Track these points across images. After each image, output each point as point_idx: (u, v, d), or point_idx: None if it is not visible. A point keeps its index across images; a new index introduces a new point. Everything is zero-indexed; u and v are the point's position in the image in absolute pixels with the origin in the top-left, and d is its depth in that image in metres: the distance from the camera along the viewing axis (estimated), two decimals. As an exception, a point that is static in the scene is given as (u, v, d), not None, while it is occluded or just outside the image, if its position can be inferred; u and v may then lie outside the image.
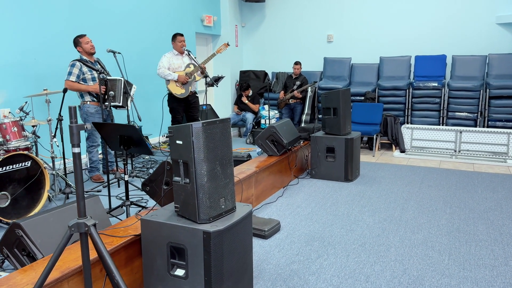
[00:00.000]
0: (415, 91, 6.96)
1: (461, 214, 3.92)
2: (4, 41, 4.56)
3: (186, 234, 2.29)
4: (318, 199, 4.42)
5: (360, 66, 7.68)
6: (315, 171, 5.24)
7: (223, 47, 5.54)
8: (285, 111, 7.50)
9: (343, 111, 5.07)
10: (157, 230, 2.38)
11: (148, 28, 6.54)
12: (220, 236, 2.25)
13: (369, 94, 7.16)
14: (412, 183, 4.99)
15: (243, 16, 8.78)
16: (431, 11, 7.22)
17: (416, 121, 7.01)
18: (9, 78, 4.62)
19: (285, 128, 4.81)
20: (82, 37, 4.40)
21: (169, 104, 5.56)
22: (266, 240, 3.42)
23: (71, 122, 1.78)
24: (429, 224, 3.69)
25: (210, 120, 2.29)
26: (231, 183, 2.46)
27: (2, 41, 4.55)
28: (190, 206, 2.32)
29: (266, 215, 3.99)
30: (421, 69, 7.18)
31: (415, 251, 3.17)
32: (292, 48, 8.41)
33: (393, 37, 7.55)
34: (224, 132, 2.39)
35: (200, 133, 2.24)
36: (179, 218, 2.40)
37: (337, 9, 7.92)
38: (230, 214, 2.45)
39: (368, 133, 6.63)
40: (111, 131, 3.13)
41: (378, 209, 4.10)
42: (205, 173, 2.27)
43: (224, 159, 2.40)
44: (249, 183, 4.07)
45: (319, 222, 3.77)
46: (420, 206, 4.16)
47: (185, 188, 2.33)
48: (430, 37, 7.29)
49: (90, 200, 2.77)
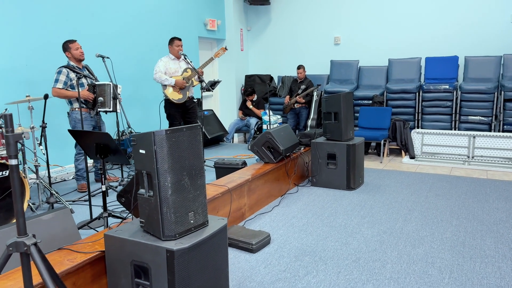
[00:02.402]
0: (425, 94, 6.65)
1: (468, 227, 3.63)
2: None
3: (149, 252, 2.10)
4: (316, 209, 4.19)
5: (368, 69, 7.41)
6: (316, 179, 5.00)
7: (221, 51, 5.37)
8: (290, 116, 7.28)
9: (344, 115, 4.83)
10: (120, 247, 2.20)
11: (149, 33, 6.43)
12: (186, 255, 2.06)
13: (377, 98, 6.88)
14: (418, 191, 4.70)
15: (249, 19, 8.62)
16: (442, 10, 6.90)
17: (427, 126, 6.69)
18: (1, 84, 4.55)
19: (282, 134, 4.59)
20: (72, 43, 4.28)
21: (166, 110, 5.41)
22: (254, 254, 3.20)
23: (7, 131, 1.62)
24: (431, 237, 3.42)
25: (175, 127, 2.11)
26: (202, 195, 2.26)
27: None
28: (154, 221, 2.13)
29: (258, 226, 3.78)
30: (432, 71, 6.86)
31: (413, 268, 2.90)
32: (298, 51, 8.20)
33: (403, 38, 7.26)
34: (193, 140, 2.20)
35: (164, 141, 2.05)
36: (144, 234, 2.21)
37: (345, 10, 7.67)
38: (201, 229, 2.25)
39: (375, 139, 6.35)
40: (87, 139, 2.97)
41: (378, 220, 3.84)
42: (170, 185, 2.08)
43: (194, 169, 2.21)
44: (240, 192, 3.86)
45: (313, 235, 3.54)
46: (424, 217, 3.88)
47: (149, 202, 2.14)
48: (442, 38, 6.97)
49: (60, 213, 2.61)
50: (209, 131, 6.52)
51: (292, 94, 7.19)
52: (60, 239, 2.56)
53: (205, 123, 6.55)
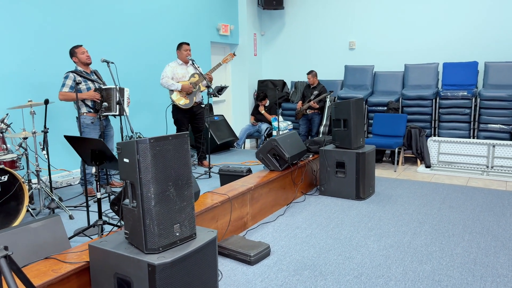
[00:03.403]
0: (443, 101, 6.41)
1: (481, 242, 3.42)
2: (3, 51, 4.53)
3: (131, 266, 2.02)
4: (321, 219, 4.04)
5: (384, 74, 7.21)
6: (324, 188, 4.86)
7: (229, 57, 5.29)
8: (302, 122, 7.14)
9: (354, 123, 4.68)
10: (104, 258, 2.13)
11: (160, 37, 6.41)
12: (169, 269, 1.97)
13: (392, 104, 6.68)
14: (431, 203, 4.50)
15: (263, 24, 8.54)
16: (461, 13, 6.66)
17: (444, 134, 6.45)
18: (8, 89, 4.58)
19: (288, 141, 4.47)
20: (78, 48, 4.28)
21: (173, 116, 5.36)
22: (252, 266, 3.09)
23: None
24: (441, 253, 3.23)
25: (160, 136, 2.02)
26: (189, 206, 2.17)
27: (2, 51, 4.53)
28: (138, 233, 2.05)
29: (260, 236, 3.66)
30: (450, 77, 6.62)
31: (418, 286, 2.74)
32: (312, 56, 8.06)
33: (419, 42, 7.04)
34: (180, 149, 2.11)
35: (147, 150, 1.97)
36: (129, 246, 2.13)
37: (360, 14, 7.51)
38: (188, 242, 2.16)
39: (389, 146, 6.15)
40: (82, 145, 2.93)
41: (386, 233, 3.67)
42: (153, 196, 1.99)
43: (180, 179, 2.12)
44: (243, 201, 3.76)
45: (315, 247, 3.40)
46: (435, 231, 3.69)
47: (133, 213, 2.06)
48: (460, 42, 6.72)
49: (49, 221, 2.56)
50: (218, 136, 6.44)
51: (304, 99, 7.05)
52: (49, 247, 2.50)
53: (214, 129, 6.47)
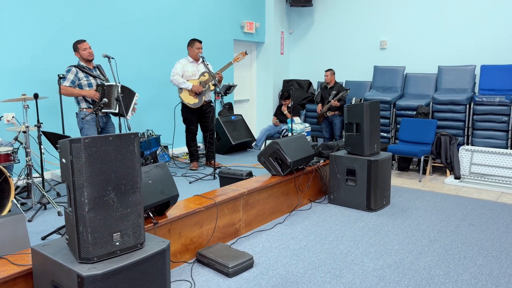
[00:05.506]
0: (477, 107, 5.86)
1: (495, 269, 3.00)
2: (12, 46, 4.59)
3: (64, 275, 1.87)
4: (321, 231, 3.75)
5: (415, 76, 6.72)
6: (333, 196, 4.54)
7: (240, 56, 5.10)
8: (324, 125, 6.81)
9: (368, 127, 4.32)
10: (43, 263, 2.00)
11: (178, 34, 6.32)
12: (99, 282, 1.79)
13: (422, 109, 6.20)
14: (450, 218, 4.07)
15: (291, 22, 8.26)
16: (501, 12, 6.06)
17: (478, 143, 5.89)
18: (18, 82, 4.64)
19: (293, 145, 4.20)
20: (81, 43, 4.25)
21: (182, 114, 5.24)
22: (229, 278, 2.87)
23: None
24: (444, 278, 2.86)
25: (99, 135, 1.85)
26: (134, 214, 1.99)
27: (11, 46, 4.58)
28: (73, 240, 1.89)
29: (249, 245, 3.43)
30: (488, 81, 6.04)
31: (406, 316, 2.41)
32: (340, 55, 7.68)
33: (455, 43, 6.49)
34: (124, 151, 1.93)
35: (81, 151, 1.81)
36: (68, 253, 1.98)
37: (392, 12, 7.05)
38: (130, 253, 1.98)
39: (414, 154, 5.69)
40: (56, 141, 2.83)
41: (388, 251, 3.32)
42: (87, 201, 1.83)
43: (123, 184, 1.94)
44: (234, 207, 3.54)
45: (305, 261, 3.13)
46: (445, 251, 3.29)
47: (69, 218, 1.91)
48: (501, 44, 6.12)
49: (11, 218, 2.47)
50: (234, 137, 6.26)
51: (323, 102, 6.71)
52: (7, 246, 2.42)
53: (231, 129, 6.30)
